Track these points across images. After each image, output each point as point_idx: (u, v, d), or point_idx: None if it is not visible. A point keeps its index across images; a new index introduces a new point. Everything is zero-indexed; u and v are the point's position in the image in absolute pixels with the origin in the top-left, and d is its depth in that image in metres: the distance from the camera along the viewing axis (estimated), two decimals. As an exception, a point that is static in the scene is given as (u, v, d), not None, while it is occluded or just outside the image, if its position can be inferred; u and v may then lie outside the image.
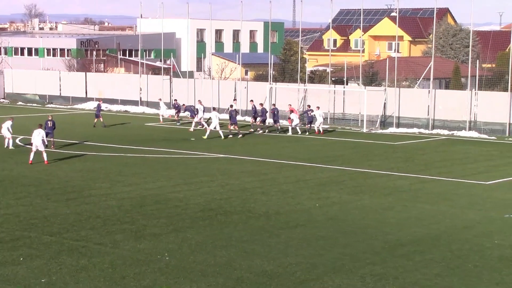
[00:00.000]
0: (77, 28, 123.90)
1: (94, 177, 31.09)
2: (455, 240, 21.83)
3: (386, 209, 25.90)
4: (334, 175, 32.63)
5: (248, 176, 32.16)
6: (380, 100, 53.11)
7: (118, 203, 26.17)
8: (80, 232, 22.07)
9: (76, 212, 24.69)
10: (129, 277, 18.00)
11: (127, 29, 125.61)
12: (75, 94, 68.35)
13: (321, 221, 23.94)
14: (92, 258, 19.41)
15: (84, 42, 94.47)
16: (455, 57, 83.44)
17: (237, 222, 23.65)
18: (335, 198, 27.73)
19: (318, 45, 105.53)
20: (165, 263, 19.07)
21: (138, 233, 22.06)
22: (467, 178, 32.56)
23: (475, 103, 50.33)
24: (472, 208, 26.40)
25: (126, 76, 71.84)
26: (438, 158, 38.74)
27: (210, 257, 19.65)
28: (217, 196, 27.61)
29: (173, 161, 36.00)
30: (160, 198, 27.14)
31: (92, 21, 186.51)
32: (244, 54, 75.56)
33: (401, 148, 42.65)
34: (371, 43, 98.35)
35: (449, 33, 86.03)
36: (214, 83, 61.35)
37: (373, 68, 66.41)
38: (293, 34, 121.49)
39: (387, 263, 19.33)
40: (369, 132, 50.60)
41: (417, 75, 61.12)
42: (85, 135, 45.58)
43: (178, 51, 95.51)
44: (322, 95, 55.29)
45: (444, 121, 51.11)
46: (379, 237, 21.97)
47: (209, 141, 43.62)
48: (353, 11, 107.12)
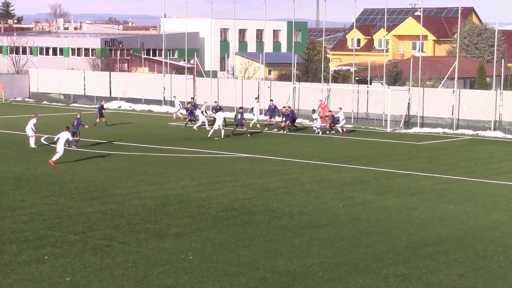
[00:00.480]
0: (101, 28, 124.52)
1: (118, 176, 31.23)
2: (479, 240, 21.69)
3: (410, 209, 25.79)
4: (358, 175, 32.54)
5: (271, 175, 32.15)
6: (404, 99, 52.89)
7: (141, 202, 26.27)
8: (104, 231, 22.18)
9: (100, 211, 24.82)
10: (153, 276, 18.07)
11: (151, 29, 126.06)
12: (99, 94, 68.70)
13: (345, 221, 23.89)
14: (116, 257, 19.50)
15: (108, 42, 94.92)
16: (480, 56, 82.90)
17: (260, 222, 23.66)
18: (359, 198, 27.66)
19: (342, 44, 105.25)
20: (188, 263, 19.12)
21: (162, 232, 22.14)
22: (491, 178, 32.35)
23: (500, 103, 49.99)
24: (497, 208, 26.22)
25: (150, 76, 72.09)
26: (462, 158, 38.52)
27: (233, 257, 19.67)
28: (240, 196, 27.63)
29: (196, 161, 36.08)
30: (184, 197, 27.21)
31: (116, 20, 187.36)
32: (268, 53, 75.52)
33: (425, 148, 42.45)
34: (395, 43, 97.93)
35: (474, 32, 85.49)
36: (237, 83, 61.40)
37: (397, 68, 66.14)
38: (317, 34, 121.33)
39: (411, 264, 19.25)
40: (393, 132, 50.40)
41: (442, 74, 60.79)
42: (110, 134, 45.78)
43: (201, 51, 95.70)
44: (345, 94, 55.18)
45: (469, 121, 50.80)
46: (402, 238, 21.88)
47: (232, 141, 43.66)
48: (377, 10, 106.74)
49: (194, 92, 62.58)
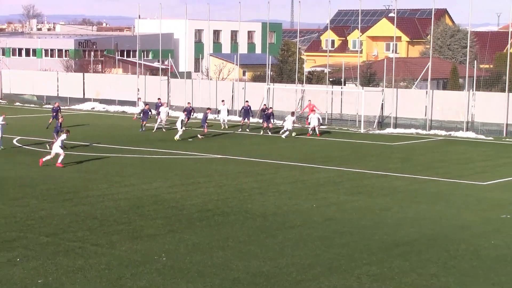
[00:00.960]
0: (75, 29, 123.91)
1: (91, 178, 31.08)
2: (451, 240, 21.85)
3: (383, 210, 25.92)
4: (332, 176, 32.65)
5: (245, 176, 32.17)
6: (377, 100, 53.14)
7: (115, 203, 26.16)
8: (76, 233, 22.06)
9: (72, 212, 24.68)
10: (126, 277, 18.00)
11: (125, 30, 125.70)
12: (72, 95, 68.34)
13: (318, 222, 23.95)
14: (88, 259, 19.40)
15: (82, 43, 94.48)
16: (453, 57, 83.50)
17: (234, 223, 23.65)
18: (333, 198, 27.74)
19: (316, 45, 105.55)
20: (162, 264, 19.07)
21: (135, 234, 22.06)
22: (464, 178, 32.59)
23: (472, 103, 50.39)
24: (469, 208, 26.43)
25: (124, 77, 71.83)
26: (435, 159, 38.78)
27: (207, 258, 19.65)
28: (214, 197, 27.61)
29: (170, 162, 36.01)
30: (157, 199, 27.14)
31: (90, 21, 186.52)
32: (242, 54, 75.57)
33: (399, 149, 42.68)
34: (369, 44, 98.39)
35: (447, 33, 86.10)
36: (212, 84, 61.37)
37: (371, 69, 66.44)
38: (291, 35, 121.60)
39: (384, 264, 19.35)
40: (366, 132, 50.63)
41: (415, 75, 61.16)
42: (83, 135, 45.55)
43: (176, 52, 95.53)
44: (319, 95, 55.32)
45: (442, 122, 51.16)
46: (376, 238, 21.98)
47: (206, 142, 43.62)
48: (351, 11, 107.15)
49: (169, 93, 62.42)
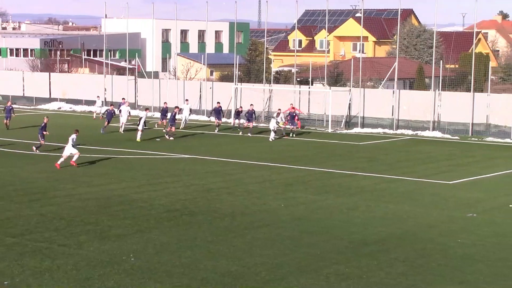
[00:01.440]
0: (40, 28, 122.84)
1: (58, 178, 30.85)
2: (418, 239, 22.01)
3: (351, 209, 26.04)
4: (300, 175, 32.72)
5: (213, 176, 32.13)
6: (345, 100, 53.37)
7: (82, 204, 25.99)
8: (43, 234, 21.88)
9: (39, 213, 24.47)
10: (94, 278, 17.88)
11: (92, 29, 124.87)
12: (38, 95, 67.76)
13: (287, 221, 23.99)
14: (55, 259, 19.25)
15: (48, 42, 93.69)
16: (419, 57, 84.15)
17: (202, 223, 23.62)
18: (301, 198, 27.81)
19: (284, 45, 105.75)
20: (130, 264, 18.98)
21: (103, 234, 21.93)
22: (430, 177, 32.85)
23: (438, 103, 50.80)
24: (436, 207, 26.65)
25: (91, 77, 71.36)
26: (402, 158, 39.04)
27: (175, 258, 19.60)
28: (182, 197, 27.55)
29: (138, 162, 35.85)
30: (125, 199, 27.01)
31: (56, 21, 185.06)
32: (210, 54, 75.45)
33: (366, 148, 42.90)
34: (336, 44, 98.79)
35: (413, 34, 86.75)
36: (179, 84, 61.20)
37: (338, 69, 66.72)
38: (259, 35, 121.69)
39: (352, 263, 19.43)
40: (334, 132, 50.82)
41: (382, 75, 61.52)
42: (49, 135, 45.11)
43: (143, 51, 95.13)
44: (287, 95, 55.42)
45: (408, 121, 51.51)
46: (344, 237, 22.08)
47: (173, 142, 43.49)
48: (318, 11, 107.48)
49: (136, 93, 62.14)
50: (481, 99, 49.66)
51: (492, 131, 48.85)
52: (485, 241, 21.87)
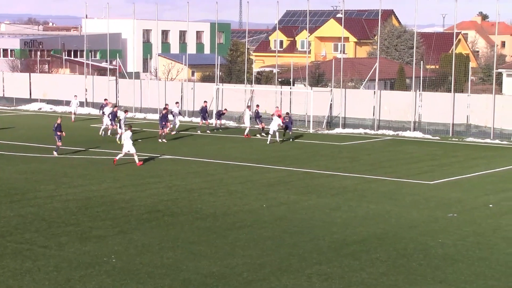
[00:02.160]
0: (20, 28, 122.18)
1: (39, 179, 30.69)
2: (400, 239, 22.09)
3: (333, 209, 26.09)
4: (282, 176, 32.75)
5: (195, 177, 32.09)
6: (326, 101, 53.47)
7: (63, 205, 25.87)
8: (24, 235, 21.76)
9: (20, 214, 24.33)
10: (75, 280, 17.80)
11: (72, 30, 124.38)
12: (19, 95, 67.38)
13: (269, 222, 24.00)
14: (36, 261, 19.15)
15: (28, 43, 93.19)
16: (400, 58, 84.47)
17: (184, 223, 23.58)
18: (283, 198, 27.83)
19: (265, 46, 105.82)
20: (111, 265, 18.91)
21: (84, 235, 21.84)
22: (411, 178, 32.98)
23: (419, 103, 51.01)
24: (417, 207, 26.75)
25: (71, 77, 71.04)
26: (384, 158, 39.17)
27: (156, 259, 19.55)
28: (164, 197, 27.49)
29: (119, 163, 35.70)
30: (106, 199, 26.91)
31: (36, 21, 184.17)
32: (191, 55, 75.35)
33: (347, 149, 43.00)
34: (317, 44, 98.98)
35: (394, 34, 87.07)
36: (160, 84, 61.09)
37: (319, 69, 66.85)
38: (240, 35, 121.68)
39: (333, 263, 19.47)
40: (315, 132, 50.90)
41: (363, 76, 61.72)
42: (30, 136, 44.96)
43: (124, 52, 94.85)
44: (268, 96, 55.45)
45: (389, 122, 51.69)
46: (325, 237, 22.11)
47: (155, 142, 43.38)
48: (299, 12, 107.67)
49: (117, 93, 61.94)
50: (462, 99, 49.93)
51: (473, 132, 49.13)
52: (465, 241, 21.99)
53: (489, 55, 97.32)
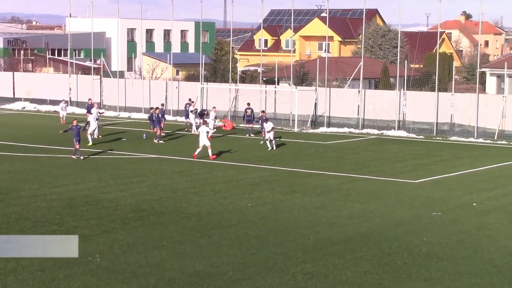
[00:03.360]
0: (3, 27, 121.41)
1: (23, 179, 30.56)
2: (384, 238, 22.16)
3: (318, 208, 26.13)
4: (266, 175, 32.76)
5: (180, 176, 32.05)
6: (311, 100, 53.55)
7: (47, 204, 25.77)
8: (8, 235, 21.65)
9: (3, 214, 24.22)
10: (59, 279, 17.74)
11: (56, 29, 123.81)
12: (2, 94, 67.02)
13: (253, 221, 24.01)
14: (20, 260, 19.05)
15: (12, 41, 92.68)
16: (384, 57, 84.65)
17: (168, 223, 23.55)
18: (267, 197, 27.85)
19: (249, 45, 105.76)
20: (96, 265, 18.86)
21: (68, 235, 21.76)
22: (396, 177, 33.08)
23: (403, 103, 51.17)
24: (401, 206, 26.84)
25: (55, 76, 70.78)
26: (368, 158, 39.26)
27: (141, 258, 19.52)
28: (149, 197, 27.44)
29: (103, 162, 35.62)
30: (91, 199, 26.83)
31: (20, 20, 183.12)
32: (175, 54, 75.13)
33: (332, 148, 43.08)
34: (302, 43, 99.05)
35: (378, 33, 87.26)
36: (145, 83, 60.97)
37: (304, 68, 66.87)
38: (225, 34, 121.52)
39: (318, 262, 19.50)
40: (300, 131, 50.96)
41: (347, 75, 61.82)
42: (14, 136, 44.75)
43: (108, 51, 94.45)
44: (253, 95, 55.46)
45: (374, 121, 51.84)
46: (310, 236, 22.15)
47: (139, 142, 43.28)
48: (283, 11, 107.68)
49: (101, 92, 61.77)
50: (446, 98, 50.15)
51: (456, 130, 49.35)
52: (449, 239, 22.08)
53: (473, 54, 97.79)
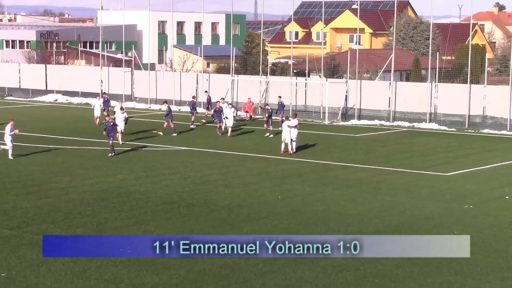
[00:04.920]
0: (36, 20, 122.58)
1: (54, 171, 30.83)
2: (415, 231, 22.05)
3: (348, 201, 26.07)
4: (296, 167, 32.73)
5: (210, 168, 32.13)
6: (341, 92, 53.35)
7: (79, 196, 25.99)
8: (40, 226, 21.89)
9: (36, 205, 24.47)
10: (91, 270, 17.91)
11: (88, 21, 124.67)
12: (35, 87, 67.62)
13: (283, 213, 24.02)
14: (53, 252, 19.23)
15: (44, 34, 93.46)
16: (416, 49, 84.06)
17: (199, 215, 23.63)
18: (298, 190, 27.83)
19: (280, 37, 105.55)
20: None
21: (100, 226, 21.95)
22: (427, 169, 32.88)
23: (435, 95, 50.80)
24: (432, 199, 26.69)
25: (87, 68, 71.25)
26: (399, 150, 39.06)
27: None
28: (179, 189, 27.55)
29: (134, 154, 35.81)
30: (122, 191, 27.01)
31: (52, 12, 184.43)
32: (206, 46, 75.34)
33: (363, 140, 42.92)
34: (333, 36, 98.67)
35: (410, 25, 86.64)
36: (175, 76, 61.15)
37: (335, 60, 66.62)
38: (255, 27, 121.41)
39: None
40: (330, 124, 50.81)
41: (378, 67, 61.48)
42: (46, 128, 45.15)
43: (139, 43, 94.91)
44: (284, 87, 55.39)
45: (405, 113, 51.51)
46: (340, 229, 22.10)
47: (170, 134, 43.44)
48: (314, 3, 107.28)
49: (132, 85, 62.05)
50: (478, 90, 49.68)
51: (489, 123, 48.87)
52: (481, 233, 21.92)
53: (506, 46, 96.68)
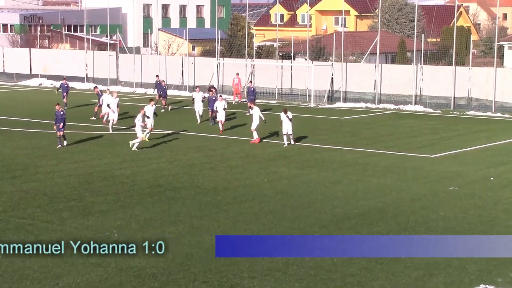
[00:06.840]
0: (19, 3, 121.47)
1: (40, 155, 30.73)
2: (401, 212, 22.16)
3: (334, 183, 26.14)
4: (282, 150, 32.76)
5: (196, 151, 32.11)
6: (327, 75, 53.35)
7: (65, 180, 25.93)
8: (26, 210, 21.84)
9: (21, 190, 24.40)
10: (77, 254, 17.85)
11: (72, 4, 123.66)
12: (19, 71, 67.26)
13: (270, 196, 24.07)
14: (39, 236, 19.23)
15: (28, 18, 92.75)
16: (401, 31, 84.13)
17: (185, 198, 23.64)
18: (283, 172, 27.87)
19: (265, 20, 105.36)
20: (113, 240, 18.97)
21: (86, 210, 21.92)
22: (412, 151, 32.99)
23: (420, 77, 50.89)
24: (418, 181, 26.79)
25: (72, 52, 70.87)
26: (385, 132, 39.15)
27: (158, 233, 19.62)
28: (165, 172, 27.54)
29: (120, 138, 35.71)
30: (108, 174, 26.96)
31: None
32: (191, 29, 75.10)
33: (348, 123, 42.98)
34: (318, 18, 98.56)
35: (395, 7, 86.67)
36: (161, 59, 60.95)
37: (320, 43, 66.63)
38: (240, 9, 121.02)
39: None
40: (316, 107, 50.84)
41: (364, 49, 61.52)
42: (30, 112, 44.94)
43: (124, 27, 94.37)
44: (269, 70, 55.33)
45: (390, 95, 51.58)
46: (327, 211, 22.18)
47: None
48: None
49: (117, 68, 61.80)
50: (463, 73, 49.80)
51: (474, 105, 49.05)
52: (466, 214, 22.06)
53: (491, 27, 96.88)
